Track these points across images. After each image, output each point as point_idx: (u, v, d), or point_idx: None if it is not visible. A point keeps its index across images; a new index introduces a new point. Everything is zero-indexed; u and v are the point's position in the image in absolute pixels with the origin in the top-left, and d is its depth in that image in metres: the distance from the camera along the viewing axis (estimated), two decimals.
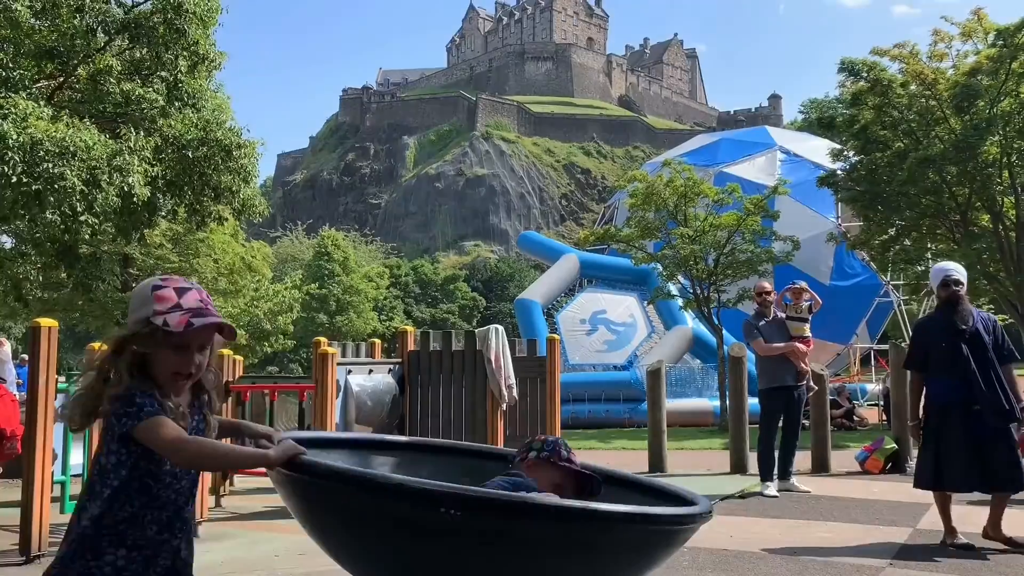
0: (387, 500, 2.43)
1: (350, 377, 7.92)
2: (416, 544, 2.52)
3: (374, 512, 2.49)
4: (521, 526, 2.42)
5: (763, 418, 8.39)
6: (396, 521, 2.48)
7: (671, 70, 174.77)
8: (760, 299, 8.70)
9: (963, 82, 18.28)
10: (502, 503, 2.45)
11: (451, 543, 2.46)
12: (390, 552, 2.59)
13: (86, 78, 11.63)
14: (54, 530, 6.09)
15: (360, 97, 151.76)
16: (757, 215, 19.43)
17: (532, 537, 2.44)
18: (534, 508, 2.44)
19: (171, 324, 2.16)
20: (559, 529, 2.43)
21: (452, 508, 2.35)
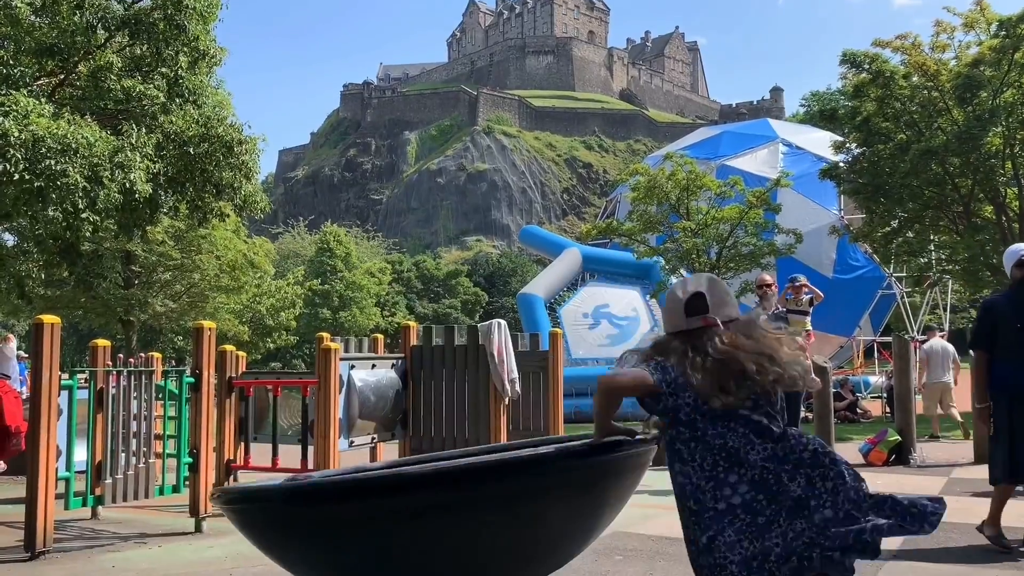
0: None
1: (353, 372, 7.92)
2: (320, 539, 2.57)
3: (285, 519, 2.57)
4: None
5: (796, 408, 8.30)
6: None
7: (672, 63, 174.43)
8: (761, 291, 8.67)
9: (965, 73, 18.21)
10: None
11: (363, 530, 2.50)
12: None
13: (87, 75, 11.61)
14: (58, 526, 6.11)
15: (361, 92, 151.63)
16: (759, 208, 19.40)
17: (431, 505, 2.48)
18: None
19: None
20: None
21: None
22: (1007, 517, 6.30)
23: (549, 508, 2.59)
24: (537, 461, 2.54)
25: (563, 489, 2.59)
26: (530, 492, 2.53)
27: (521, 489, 2.52)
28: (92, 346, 6.83)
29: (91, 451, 6.29)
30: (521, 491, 2.52)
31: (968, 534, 5.75)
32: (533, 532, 2.59)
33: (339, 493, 2.49)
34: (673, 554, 5.26)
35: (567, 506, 2.63)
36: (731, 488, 2.23)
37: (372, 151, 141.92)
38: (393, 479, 2.53)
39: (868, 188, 19.55)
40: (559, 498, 2.59)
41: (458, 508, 2.48)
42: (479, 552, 2.56)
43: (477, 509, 2.50)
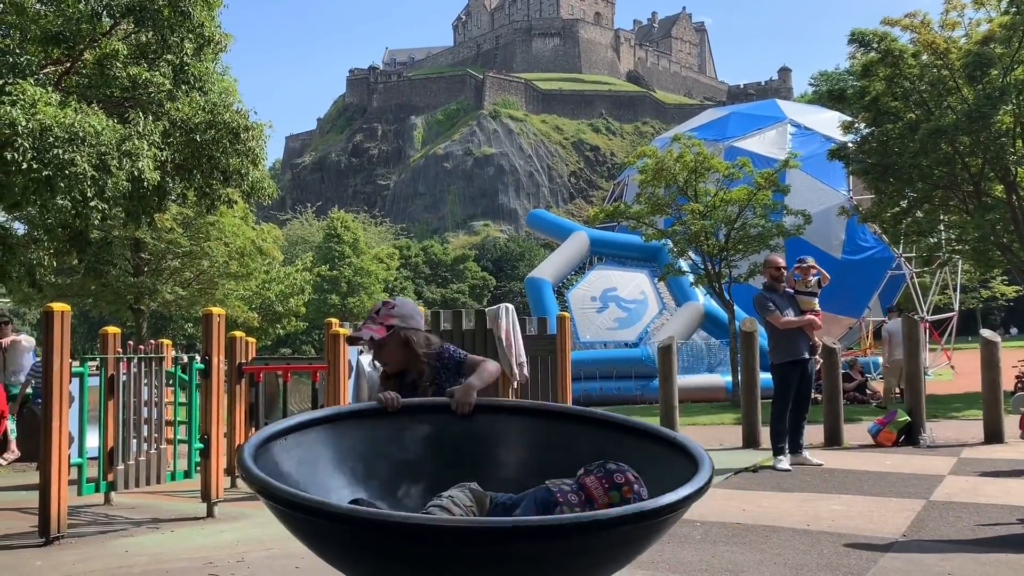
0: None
1: (362, 357, 7.95)
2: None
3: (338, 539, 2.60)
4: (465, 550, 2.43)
5: (780, 392, 8.35)
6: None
7: (680, 44, 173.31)
8: (777, 272, 8.63)
9: (976, 51, 18.04)
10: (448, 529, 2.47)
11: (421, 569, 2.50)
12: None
13: (92, 63, 11.61)
14: (72, 512, 6.17)
15: (367, 77, 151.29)
16: (768, 189, 19.30)
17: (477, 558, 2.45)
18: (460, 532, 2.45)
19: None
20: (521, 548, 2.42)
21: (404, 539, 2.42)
22: (1017, 497, 6.31)
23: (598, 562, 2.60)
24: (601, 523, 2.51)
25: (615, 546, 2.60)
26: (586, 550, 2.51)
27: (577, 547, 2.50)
28: (102, 333, 6.87)
29: (103, 438, 6.35)
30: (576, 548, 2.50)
31: (977, 514, 5.75)
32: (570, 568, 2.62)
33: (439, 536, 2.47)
34: (682, 536, 5.29)
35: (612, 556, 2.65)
36: None
37: (378, 136, 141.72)
38: (509, 529, 2.48)
39: (877, 168, 19.44)
40: (610, 552, 2.60)
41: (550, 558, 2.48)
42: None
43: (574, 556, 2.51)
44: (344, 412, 3.42)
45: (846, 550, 4.85)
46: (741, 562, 4.65)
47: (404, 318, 3.29)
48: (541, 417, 3.38)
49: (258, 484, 2.66)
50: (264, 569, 4.78)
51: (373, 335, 3.25)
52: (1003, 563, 4.53)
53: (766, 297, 8.47)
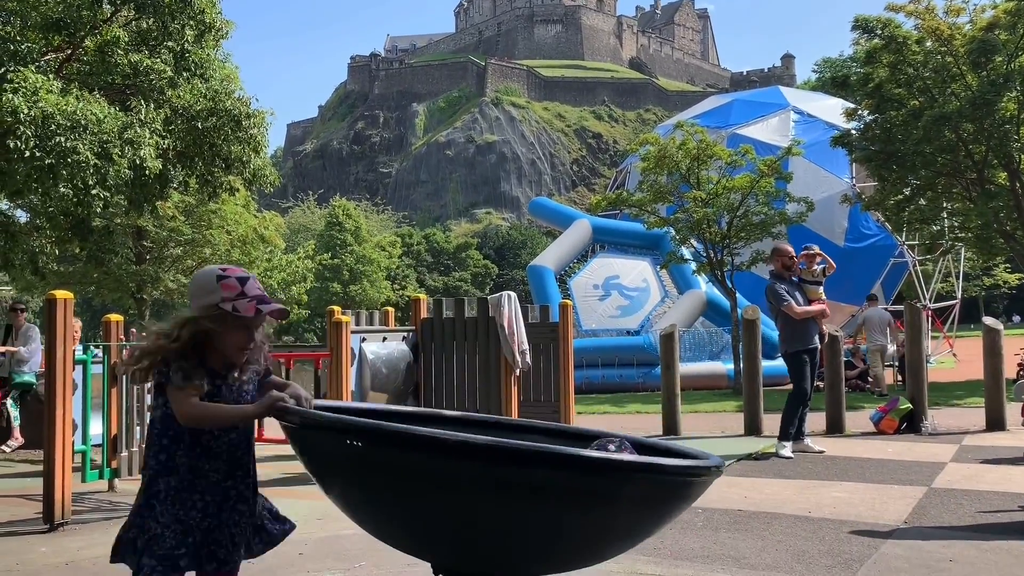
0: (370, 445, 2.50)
1: (364, 345, 7.96)
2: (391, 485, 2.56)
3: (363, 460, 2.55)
4: (522, 473, 2.42)
5: (798, 379, 8.29)
6: (372, 466, 2.54)
7: (682, 31, 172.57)
8: (789, 261, 8.56)
9: (980, 37, 17.95)
10: (505, 450, 2.46)
11: (445, 488, 2.48)
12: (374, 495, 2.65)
13: (94, 50, 11.58)
14: (76, 499, 6.20)
15: (368, 64, 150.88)
16: (771, 177, 19.25)
17: (535, 485, 2.44)
18: (535, 455, 2.45)
19: (241, 310, 2.56)
20: (563, 477, 2.43)
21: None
22: (1018, 484, 6.32)
23: (616, 512, 2.59)
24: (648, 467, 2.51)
25: (637, 500, 2.59)
26: (607, 493, 2.50)
27: (599, 490, 2.49)
28: (105, 321, 6.88)
29: (106, 425, 6.37)
30: (599, 491, 2.49)
31: (978, 501, 5.77)
32: (587, 528, 2.59)
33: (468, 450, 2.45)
34: (684, 522, 5.30)
35: (632, 514, 2.65)
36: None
37: (380, 124, 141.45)
38: (518, 451, 2.48)
39: (880, 155, 19.38)
40: (631, 507, 2.60)
41: (526, 487, 2.47)
42: (526, 532, 2.56)
43: (546, 495, 2.49)
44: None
45: (848, 537, 4.87)
46: (743, 549, 4.67)
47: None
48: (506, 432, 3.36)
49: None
50: (267, 555, 4.77)
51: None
52: (1004, 550, 4.54)
53: (780, 287, 8.38)
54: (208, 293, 2.59)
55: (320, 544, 5.01)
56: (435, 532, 2.64)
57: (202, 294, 2.60)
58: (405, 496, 2.56)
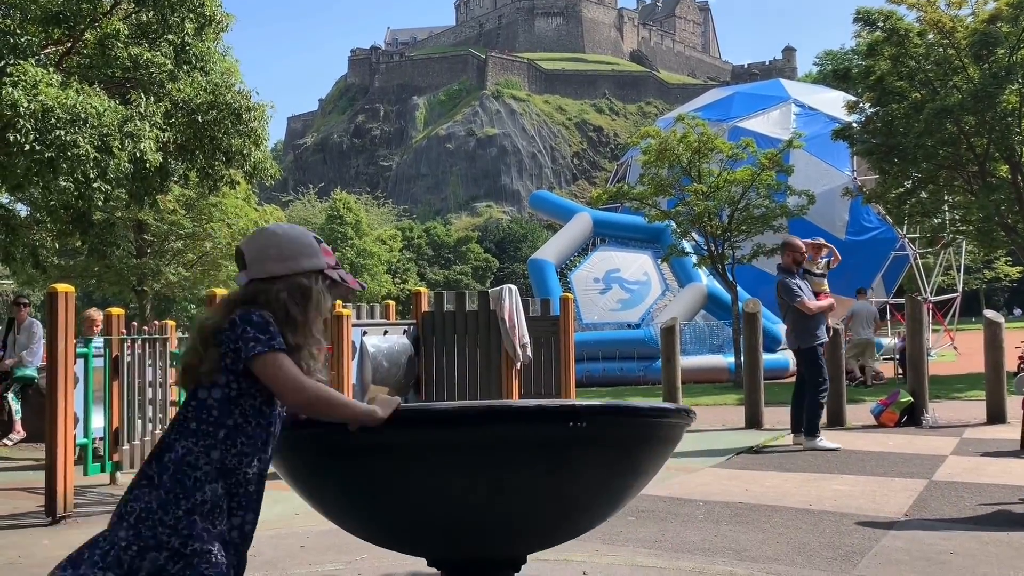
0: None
1: (365, 338, 7.97)
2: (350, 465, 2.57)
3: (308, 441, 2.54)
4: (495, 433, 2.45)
5: (818, 372, 8.15)
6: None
7: (683, 23, 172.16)
8: (800, 256, 8.42)
9: (982, 30, 17.91)
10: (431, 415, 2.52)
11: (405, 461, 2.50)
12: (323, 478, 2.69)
13: (93, 43, 11.56)
14: (78, 491, 6.21)
15: (369, 58, 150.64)
16: (772, 170, 19.24)
17: (520, 440, 2.47)
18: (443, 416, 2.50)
19: (348, 281, 2.26)
20: (532, 432, 2.47)
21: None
22: (1018, 477, 6.32)
23: (585, 465, 2.58)
24: (580, 410, 2.52)
25: (602, 445, 2.58)
26: (566, 442, 2.49)
27: (558, 438, 2.48)
28: (106, 314, 6.88)
29: (108, 418, 6.38)
30: (557, 439, 2.49)
31: (979, 494, 5.77)
32: (562, 487, 2.58)
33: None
34: (685, 515, 5.32)
35: (602, 465, 2.63)
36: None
37: (381, 117, 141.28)
38: (439, 413, 2.51)
39: (882, 148, 19.35)
40: (597, 454, 2.58)
41: (489, 447, 2.46)
42: (506, 500, 2.54)
43: (509, 450, 2.48)
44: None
45: (848, 529, 4.87)
46: (744, 541, 4.68)
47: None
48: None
49: None
50: (269, 548, 4.81)
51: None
52: (1004, 542, 4.55)
53: (793, 283, 8.25)
54: (313, 255, 2.22)
55: (321, 537, 5.02)
56: (425, 520, 2.63)
57: (305, 254, 2.21)
58: (396, 483, 2.56)
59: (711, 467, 7.23)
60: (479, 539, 2.65)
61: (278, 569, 4.34)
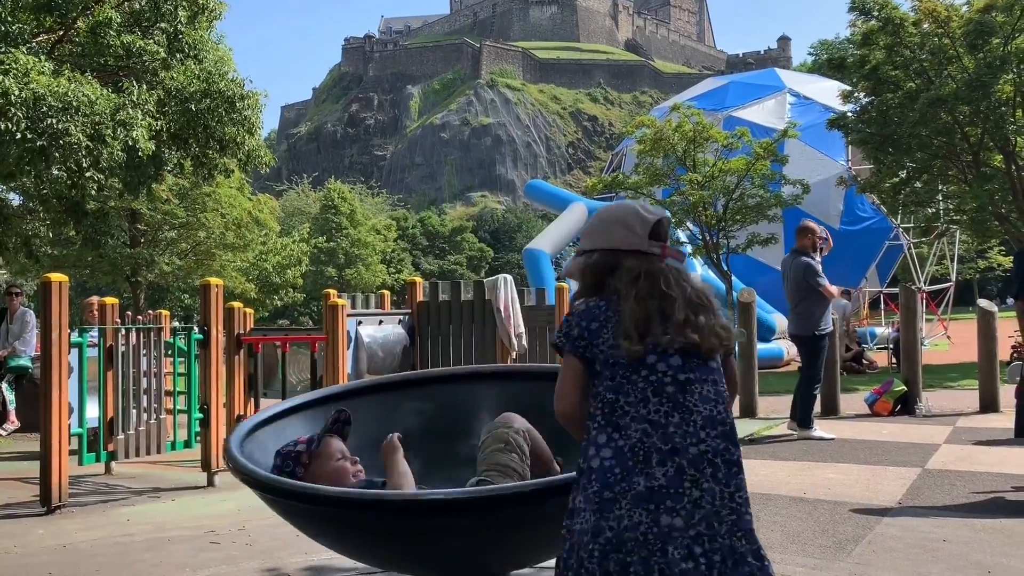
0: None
1: (361, 328, 7.96)
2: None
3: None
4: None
5: (816, 361, 8.11)
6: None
7: (679, 12, 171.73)
8: (819, 240, 8.29)
9: (977, 19, 17.89)
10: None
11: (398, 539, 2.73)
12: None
13: (86, 31, 11.47)
14: (73, 482, 6.21)
15: (363, 46, 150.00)
16: (766, 159, 19.24)
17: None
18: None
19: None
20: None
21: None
22: (1011, 465, 6.36)
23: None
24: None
25: None
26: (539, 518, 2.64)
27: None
28: (100, 304, 6.86)
29: (103, 408, 6.36)
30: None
31: (972, 482, 5.81)
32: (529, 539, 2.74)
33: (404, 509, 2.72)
34: None
35: None
36: (596, 449, 1.94)
37: (375, 106, 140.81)
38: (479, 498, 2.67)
39: (876, 138, 19.34)
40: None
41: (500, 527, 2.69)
42: (507, 552, 2.81)
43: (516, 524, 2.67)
44: (323, 396, 3.56)
45: (843, 517, 4.90)
46: None
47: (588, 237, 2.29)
48: (512, 380, 3.50)
49: (242, 473, 2.82)
50: (265, 537, 4.81)
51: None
52: (997, 530, 4.58)
53: (816, 264, 8.10)
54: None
55: None
56: (430, 564, 2.86)
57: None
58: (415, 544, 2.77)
59: None
60: (476, 568, 2.90)
61: (274, 558, 4.35)
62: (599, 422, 1.96)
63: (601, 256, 2.08)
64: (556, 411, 2.06)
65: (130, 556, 4.50)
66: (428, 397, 3.44)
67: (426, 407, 3.39)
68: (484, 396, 3.44)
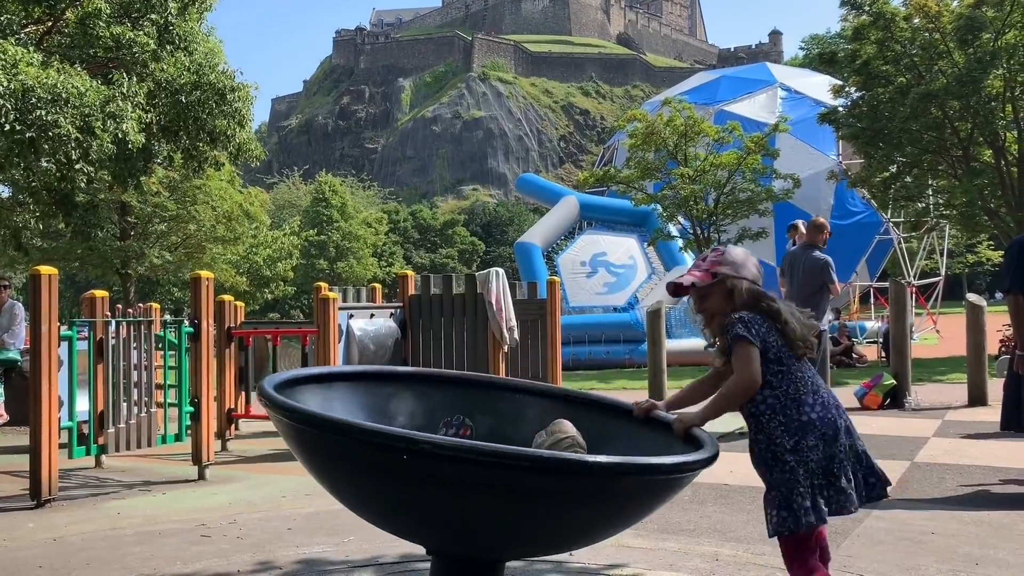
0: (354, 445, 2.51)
1: (352, 322, 7.95)
2: (389, 486, 2.58)
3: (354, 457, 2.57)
4: (500, 476, 2.43)
5: (824, 357, 8.01)
6: (366, 464, 2.56)
7: (670, 6, 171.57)
8: (829, 235, 8.31)
9: (967, 14, 17.97)
10: (478, 452, 2.47)
11: (429, 489, 2.51)
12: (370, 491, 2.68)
13: (75, 22, 11.39)
14: (63, 475, 6.19)
15: (354, 39, 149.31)
16: (757, 153, 19.30)
17: (511, 486, 2.46)
18: (508, 457, 2.45)
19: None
20: (544, 481, 2.45)
21: (409, 454, 2.42)
22: (999, 458, 6.40)
23: (597, 508, 2.61)
24: (593, 467, 2.51)
25: (615, 496, 2.62)
26: (577, 491, 2.52)
27: (584, 488, 2.52)
28: (90, 297, 6.83)
29: (93, 401, 6.34)
30: (569, 490, 2.51)
31: (960, 475, 5.84)
32: (563, 521, 2.62)
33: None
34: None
35: (616, 507, 2.68)
36: (809, 407, 2.88)
37: (366, 99, 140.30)
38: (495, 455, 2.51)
39: (867, 132, 19.42)
40: (608, 502, 2.62)
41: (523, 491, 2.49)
42: (510, 526, 2.60)
43: (537, 494, 2.51)
44: (371, 372, 3.49)
45: None
46: (729, 522, 4.72)
47: (734, 266, 2.97)
48: (546, 398, 3.43)
49: (282, 407, 2.65)
50: (256, 530, 4.81)
51: (696, 281, 2.96)
52: (985, 522, 4.61)
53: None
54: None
55: (309, 519, 5.03)
56: (430, 524, 2.67)
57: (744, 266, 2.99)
58: (409, 495, 2.59)
59: None
60: (475, 544, 2.72)
61: (265, 551, 4.34)
62: (793, 393, 2.90)
63: (750, 284, 2.95)
64: (747, 382, 2.87)
65: (121, 549, 4.49)
66: (469, 400, 3.37)
67: (463, 406, 3.34)
68: (530, 407, 3.40)
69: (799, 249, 8.36)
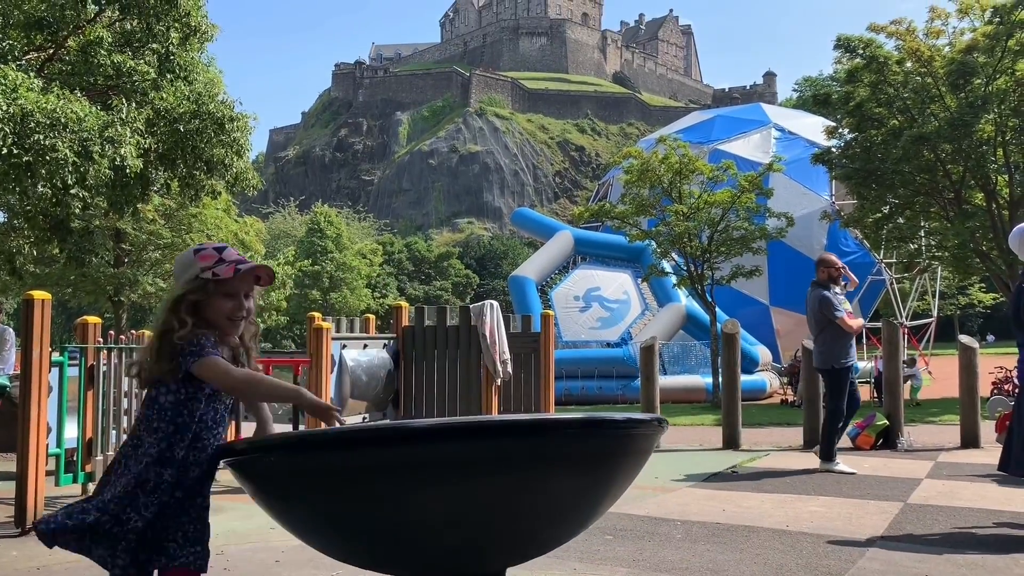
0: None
1: (345, 352, 7.92)
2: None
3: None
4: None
5: (839, 394, 7.91)
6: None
7: (666, 46, 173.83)
8: (836, 272, 8.12)
9: (959, 59, 18.24)
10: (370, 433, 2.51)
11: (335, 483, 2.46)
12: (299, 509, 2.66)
13: (76, 49, 11.49)
14: (49, 503, 6.10)
15: (353, 72, 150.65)
16: (751, 192, 19.44)
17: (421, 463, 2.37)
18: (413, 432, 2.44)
19: (220, 273, 2.53)
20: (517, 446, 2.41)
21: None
22: (992, 501, 6.38)
23: (553, 478, 2.51)
24: (547, 425, 2.48)
25: (571, 458, 2.52)
26: (535, 457, 2.45)
27: (527, 452, 2.45)
28: (81, 323, 6.80)
29: (81, 428, 6.28)
30: (527, 454, 2.43)
31: (953, 517, 5.81)
32: (533, 502, 2.51)
33: (336, 442, 2.45)
34: (663, 534, 5.31)
35: (573, 479, 2.57)
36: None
37: (364, 131, 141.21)
38: (393, 431, 2.47)
39: (860, 173, 19.60)
40: (567, 468, 2.52)
41: (457, 465, 2.39)
42: (474, 519, 2.47)
43: (477, 468, 2.41)
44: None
45: (825, 551, 4.89)
46: (721, 561, 4.67)
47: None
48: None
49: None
50: (244, 562, 4.75)
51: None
52: (978, 565, 4.58)
53: (832, 296, 7.97)
54: (188, 267, 2.58)
55: (297, 551, 4.96)
56: (393, 539, 2.54)
57: (183, 270, 2.60)
58: (359, 503, 2.50)
59: (689, 487, 7.23)
60: (450, 557, 2.57)
61: None
62: None
63: None
64: (228, 387, 2.51)
65: None
66: None
67: None
68: None
69: (809, 288, 8.30)
